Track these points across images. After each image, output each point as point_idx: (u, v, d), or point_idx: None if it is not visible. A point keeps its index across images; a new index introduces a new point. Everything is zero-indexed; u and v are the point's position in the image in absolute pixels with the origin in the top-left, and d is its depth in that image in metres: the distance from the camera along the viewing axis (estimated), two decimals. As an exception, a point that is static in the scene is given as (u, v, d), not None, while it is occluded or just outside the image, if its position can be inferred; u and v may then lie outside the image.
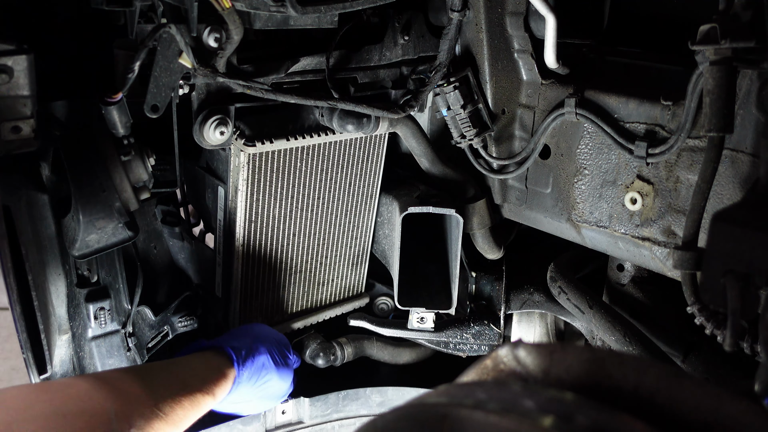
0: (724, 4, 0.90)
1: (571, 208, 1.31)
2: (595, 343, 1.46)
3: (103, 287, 1.38)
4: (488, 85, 1.33)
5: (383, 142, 1.45)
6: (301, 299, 1.50)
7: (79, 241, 1.19)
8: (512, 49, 1.29)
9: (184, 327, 1.51)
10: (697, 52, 0.96)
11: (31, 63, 1.00)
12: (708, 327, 0.96)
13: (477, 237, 1.50)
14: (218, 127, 1.17)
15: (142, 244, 1.47)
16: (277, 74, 1.20)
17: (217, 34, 1.06)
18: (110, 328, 1.39)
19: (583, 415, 0.40)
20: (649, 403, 0.43)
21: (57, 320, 1.31)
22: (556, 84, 1.27)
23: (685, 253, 0.96)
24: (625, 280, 1.43)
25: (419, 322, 1.54)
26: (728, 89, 0.90)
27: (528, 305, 1.56)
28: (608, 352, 0.46)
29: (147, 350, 1.49)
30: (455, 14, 1.25)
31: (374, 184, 1.49)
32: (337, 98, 1.22)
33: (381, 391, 1.56)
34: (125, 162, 1.20)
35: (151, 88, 1.07)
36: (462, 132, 1.36)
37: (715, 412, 0.42)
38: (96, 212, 1.19)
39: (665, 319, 1.37)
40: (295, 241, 1.41)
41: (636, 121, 1.17)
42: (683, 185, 1.14)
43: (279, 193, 1.32)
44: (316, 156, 1.34)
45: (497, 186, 1.44)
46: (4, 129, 1.02)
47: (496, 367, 0.50)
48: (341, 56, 1.28)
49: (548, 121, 1.27)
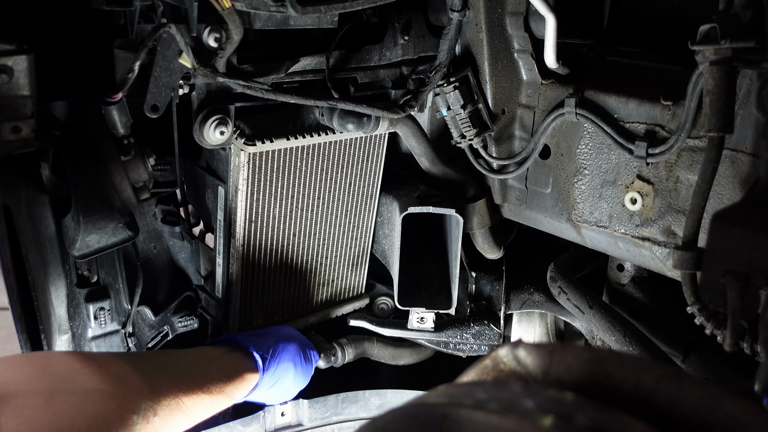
0: (724, 4, 0.90)
1: (571, 208, 1.31)
2: (595, 343, 1.46)
3: (103, 287, 1.38)
4: (488, 85, 1.33)
5: (383, 142, 1.45)
6: (302, 299, 1.50)
7: (79, 241, 1.19)
8: (512, 49, 1.29)
9: (184, 327, 1.51)
10: (697, 52, 0.96)
11: (31, 63, 1.00)
12: (708, 327, 0.96)
13: (477, 237, 1.50)
14: (218, 126, 1.17)
15: (142, 244, 1.47)
16: (277, 74, 1.20)
17: (217, 34, 1.06)
18: (110, 328, 1.39)
19: (583, 415, 0.40)
20: (649, 403, 0.44)
21: (57, 320, 1.31)
22: (556, 84, 1.27)
23: (685, 253, 0.96)
24: (625, 280, 1.43)
25: (419, 322, 1.54)
26: (728, 89, 0.90)
27: (528, 305, 1.56)
28: (608, 352, 0.46)
29: (147, 350, 1.49)
30: (455, 14, 1.25)
31: (374, 183, 1.49)
32: (337, 98, 1.22)
33: (380, 393, 1.56)
34: (125, 162, 1.20)
35: (151, 88, 1.07)
36: (462, 132, 1.36)
37: (715, 412, 0.42)
38: (96, 212, 1.19)
39: (665, 319, 1.37)
40: (295, 241, 1.41)
41: (636, 121, 1.17)
42: (683, 185, 1.14)
43: (279, 192, 1.32)
44: (316, 155, 1.34)
45: (497, 186, 1.44)
46: (4, 129, 1.02)
47: (496, 367, 0.50)
48: (341, 56, 1.28)
49: (548, 121, 1.27)
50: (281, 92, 1.17)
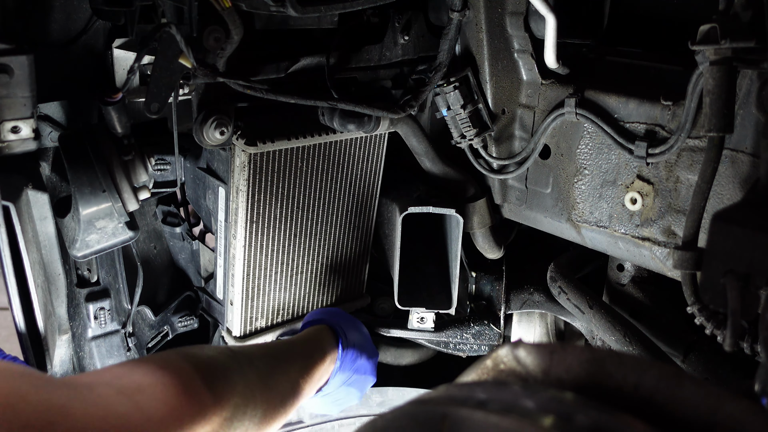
0: (724, 4, 0.90)
1: (571, 208, 1.31)
2: (595, 343, 1.45)
3: (103, 287, 1.38)
4: (488, 85, 1.33)
5: (384, 142, 1.45)
6: (302, 300, 1.50)
7: (79, 241, 1.19)
8: (512, 49, 1.29)
9: (184, 327, 1.52)
10: (697, 52, 0.96)
11: (31, 63, 1.00)
12: (708, 327, 0.96)
13: (477, 237, 1.50)
14: (218, 126, 1.17)
15: (142, 244, 1.47)
16: (277, 74, 1.20)
17: (217, 34, 1.06)
18: (110, 328, 1.39)
19: (583, 415, 0.40)
20: (649, 403, 0.44)
21: (57, 320, 1.31)
22: (556, 84, 1.27)
23: (685, 253, 0.96)
24: (625, 280, 1.43)
25: (419, 322, 1.54)
26: (728, 89, 0.90)
27: (528, 305, 1.56)
28: (608, 352, 0.46)
29: (147, 350, 1.50)
30: (455, 14, 1.25)
31: (375, 183, 1.49)
32: (338, 98, 1.22)
33: (381, 391, 1.56)
34: (125, 162, 1.20)
35: (151, 88, 1.07)
36: (462, 132, 1.36)
37: (715, 412, 0.42)
38: (96, 212, 1.19)
39: (665, 319, 1.37)
40: (295, 242, 1.41)
41: (636, 121, 1.17)
42: (683, 185, 1.14)
43: (280, 193, 1.32)
44: (317, 155, 1.34)
45: (497, 186, 1.44)
46: (4, 129, 1.02)
47: (496, 367, 0.50)
48: (341, 56, 1.28)
49: (548, 121, 1.27)
50: (281, 92, 1.17)
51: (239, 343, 1.41)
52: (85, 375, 0.87)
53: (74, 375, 0.84)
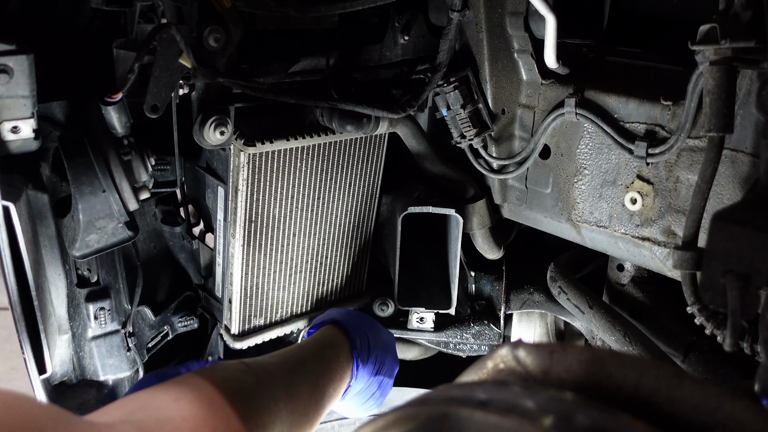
0: (724, 4, 0.90)
1: (571, 208, 1.31)
2: (595, 343, 1.45)
3: (103, 287, 1.38)
4: (488, 85, 1.33)
5: (384, 142, 1.45)
6: (302, 299, 1.50)
7: (79, 241, 1.19)
8: (512, 49, 1.29)
9: (184, 327, 1.52)
10: (697, 52, 0.96)
11: (31, 63, 1.00)
12: (708, 327, 0.96)
13: (477, 237, 1.50)
14: (218, 127, 1.17)
15: (142, 244, 1.47)
16: (277, 74, 1.20)
17: (217, 34, 1.06)
18: (110, 328, 1.39)
19: (583, 415, 0.40)
20: (649, 403, 0.43)
21: (57, 320, 1.31)
22: (556, 84, 1.27)
23: (685, 253, 0.96)
24: (625, 280, 1.43)
25: (419, 322, 1.54)
26: (728, 89, 0.90)
27: (528, 305, 1.56)
28: (608, 352, 0.46)
29: (147, 350, 1.50)
30: (455, 14, 1.25)
31: (374, 184, 1.49)
32: (337, 98, 1.22)
33: (381, 391, 1.56)
34: (125, 162, 1.20)
35: (151, 88, 1.07)
36: (462, 132, 1.36)
37: (715, 412, 0.42)
38: (96, 212, 1.19)
39: (665, 319, 1.37)
40: (295, 241, 1.41)
41: (636, 121, 1.17)
42: (683, 185, 1.14)
43: (279, 193, 1.32)
44: (316, 156, 1.34)
45: (497, 186, 1.44)
46: (4, 129, 1.02)
47: (496, 367, 0.50)
48: (341, 56, 1.28)
49: (548, 121, 1.27)
50: (281, 92, 1.17)
51: (237, 341, 1.41)
52: (110, 408, 0.83)
53: (99, 410, 0.81)
